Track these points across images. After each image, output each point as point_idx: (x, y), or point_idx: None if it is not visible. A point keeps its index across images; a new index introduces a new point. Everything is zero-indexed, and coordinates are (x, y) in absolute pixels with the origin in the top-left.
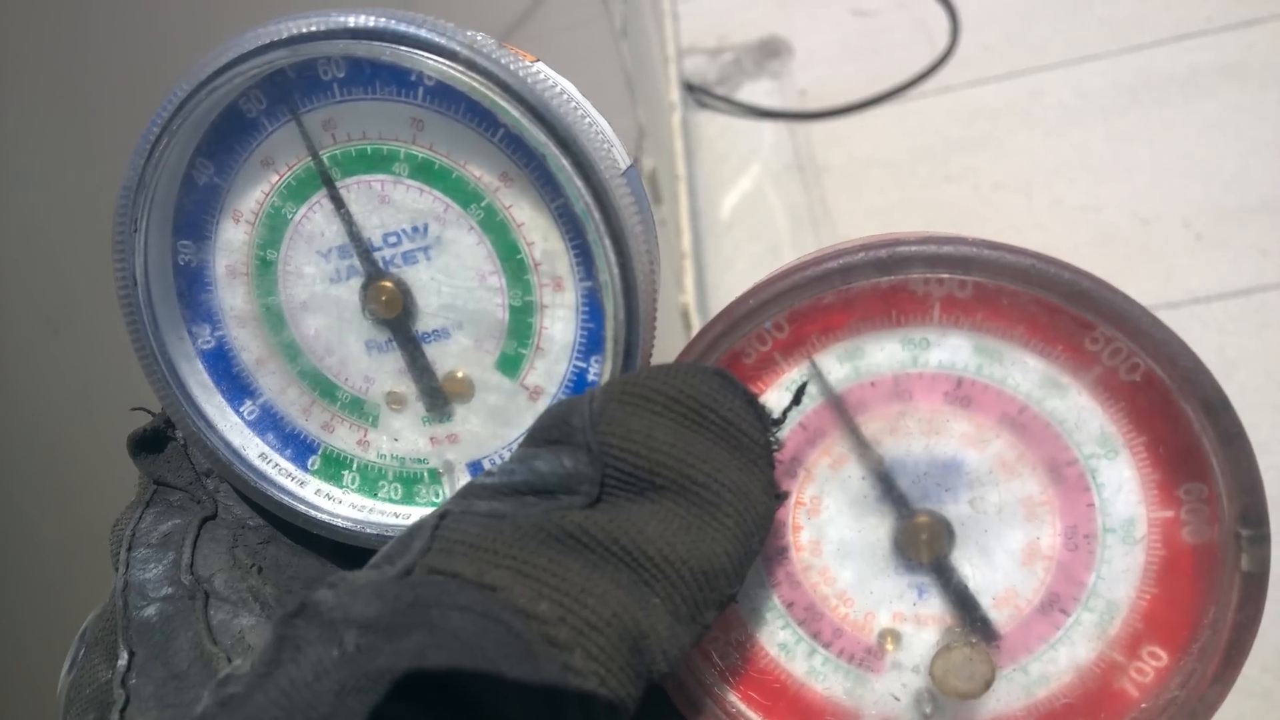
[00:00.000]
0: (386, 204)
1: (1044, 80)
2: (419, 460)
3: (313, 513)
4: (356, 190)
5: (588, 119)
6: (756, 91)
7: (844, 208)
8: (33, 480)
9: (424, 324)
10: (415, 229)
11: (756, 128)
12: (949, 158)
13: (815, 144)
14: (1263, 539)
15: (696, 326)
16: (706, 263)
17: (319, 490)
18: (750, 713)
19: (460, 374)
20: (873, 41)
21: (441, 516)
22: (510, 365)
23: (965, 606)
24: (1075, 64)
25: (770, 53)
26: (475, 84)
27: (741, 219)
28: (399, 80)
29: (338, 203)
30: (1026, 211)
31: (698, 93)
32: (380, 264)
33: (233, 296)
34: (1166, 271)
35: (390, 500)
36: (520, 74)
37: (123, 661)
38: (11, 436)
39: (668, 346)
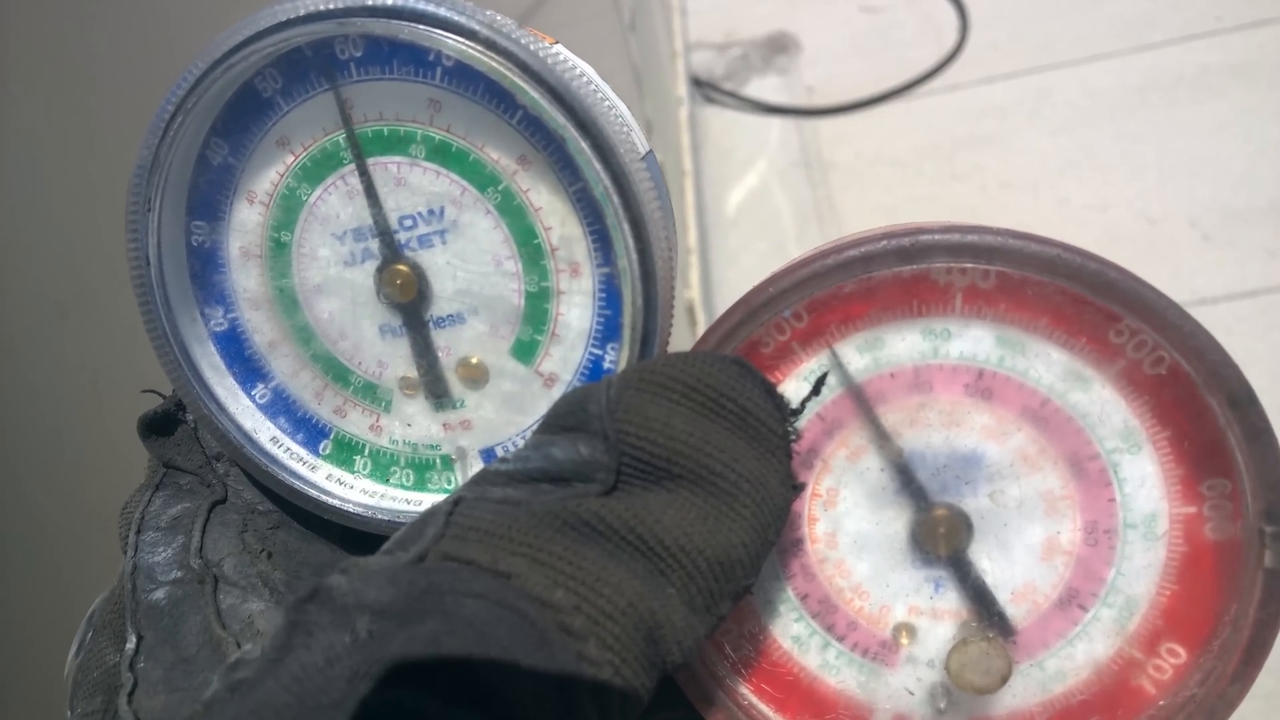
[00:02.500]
0: (402, 186)
1: (1052, 79)
2: (431, 446)
3: (324, 498)
4: (372, 172)
5: (607, 102)
6: (764, 87)
7: (850, 205)
8: (42, 464)
9: (439, 309)
10: (431, 212)
11: (763, 123)
12: (956, 156)
13: (822, 141)
14: None
15: (702, 322)
16: (712, 258)
17: (330, 475)
18: (763, 705)
19: (475, 360)
20: (881, 38)
21: (456, 503)
22: (525, 352)
23: (982, 601)
24: (1084, 63)
25: (778, 48)
26: (495, 64)
27: (747, 215)
28: (417, 60)
29: (366, 180)
30: (1033, 210)
31: (705, 88)
32: (396, 247)
33: (246, 278)
34: (1173, 272)
35: (402, 486)
36: (540, 55)
37: (130, 645)
38: (20, 420)
39: (673, 341)
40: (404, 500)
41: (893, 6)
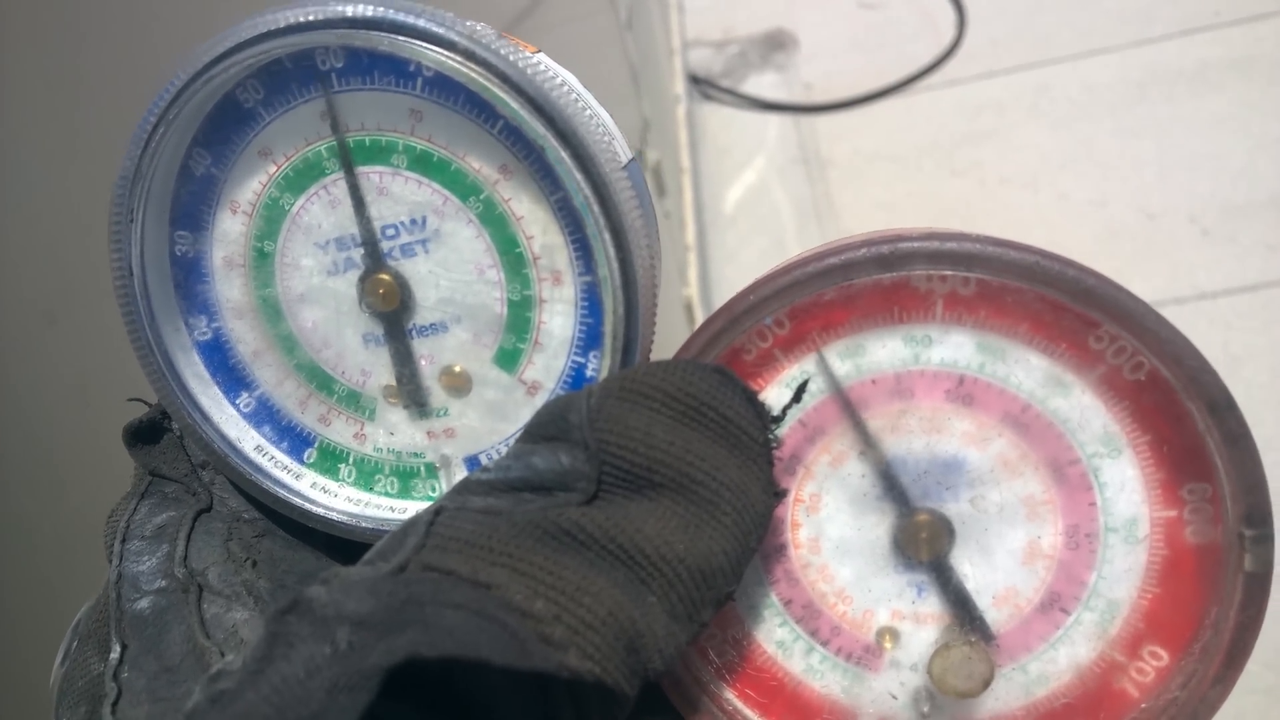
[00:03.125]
0: (384, 196)
1: (1051, 74)
2: (416, 454)
3: (308, 506)
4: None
5: (588, 111)
6: (762, 84)
7: (848, 202)
8: (29, 472)
9: (421, 318)
10: (413, 221)
11: (761, 121)
12: (954, 152)
13: (820, 137)
14: (1266, 539)
15: (700, 320)
16: (710, 256)
17: (315, 483)
18: (747, 710)
19: (458, 368)
20: (879, 35)
21: (436, 513)
22: (508, 360)
23: (964, 605)
24: (1082, 58)
25: (776, 45)
26: (474, 75)
27: (746, 212)
28: (397, 71)
29: (354, 189)
30: (1032, 206)
31: (703, 85)
32: (380, 257)
33: (229, 288)
34: (1172, 267)
35: (386, 494)
36: (520, 65)
37: (115, 654)
38: (8, 428)
39: (671, 340)
40: (388, 508)
41: (891, 3)
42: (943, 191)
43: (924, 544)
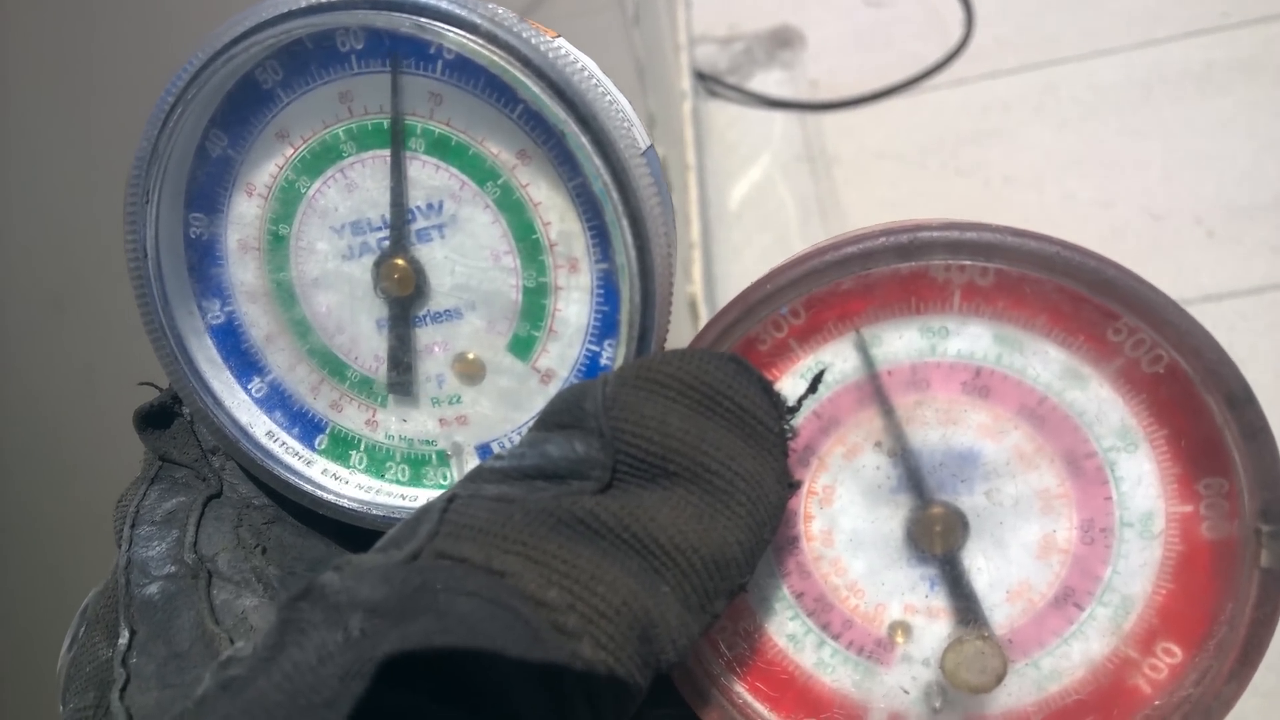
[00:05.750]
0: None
1: (1057, 74)
2: (427, 442)
3: (319, 492)
4: (371, 165)
5: (608, 97)
6: (768, 81)
7: (853, 199)
8: (37, 457)
9: (436, 304)
10: (430, 206)
11: (767, 118)
12: (960, 151)
13: (826, 135)
14: None
15: (704, 316)
16: (715, 253)
17: (326, 470)
18: (757, 704)
19: (471, 355)
20: (886, 33)
21: (450, 500)
22: (522, 347)
23: (977, 599)
24: (1089, 58)
25: (782, 42)
26: (495, 58)
27: (751, 209)
28: (418, 53)
29: (397, 170)
30: (1037, 206)
31: (709, 82)
32: (404, 240)
33: (244, 271)
34: (1177, 268)
35: (397, 482)
36: (542, 49)
37: (124, 640)
38: (16, 413)
39: (675, 336)
40: (399, 496)
41: (898, 1)
42: (948, 190)
43: (938, 537)
